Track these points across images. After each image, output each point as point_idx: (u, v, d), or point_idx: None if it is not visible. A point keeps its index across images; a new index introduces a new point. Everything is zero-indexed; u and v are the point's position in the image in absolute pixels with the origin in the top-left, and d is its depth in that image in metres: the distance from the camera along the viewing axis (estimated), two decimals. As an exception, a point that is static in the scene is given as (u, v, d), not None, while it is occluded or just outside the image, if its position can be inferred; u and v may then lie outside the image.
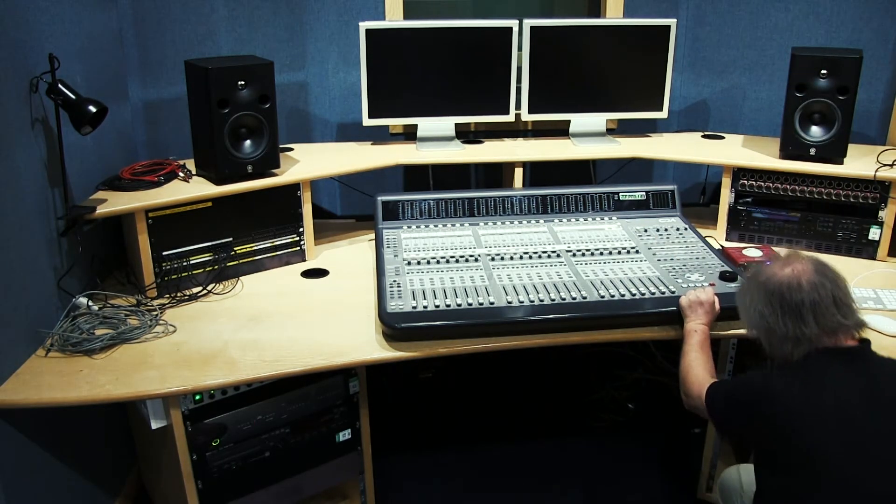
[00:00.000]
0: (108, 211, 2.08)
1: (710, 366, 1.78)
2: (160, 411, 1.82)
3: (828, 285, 1.48)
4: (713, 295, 1.91)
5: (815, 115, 2.47)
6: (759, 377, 1.54)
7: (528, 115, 2.80)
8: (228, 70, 2.20)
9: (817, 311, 1.47)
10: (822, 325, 1.47)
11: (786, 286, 1.50)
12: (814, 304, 1.47)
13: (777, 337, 1.51)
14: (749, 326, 1.60)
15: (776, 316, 1.50)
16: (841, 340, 1.49)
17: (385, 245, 2.32)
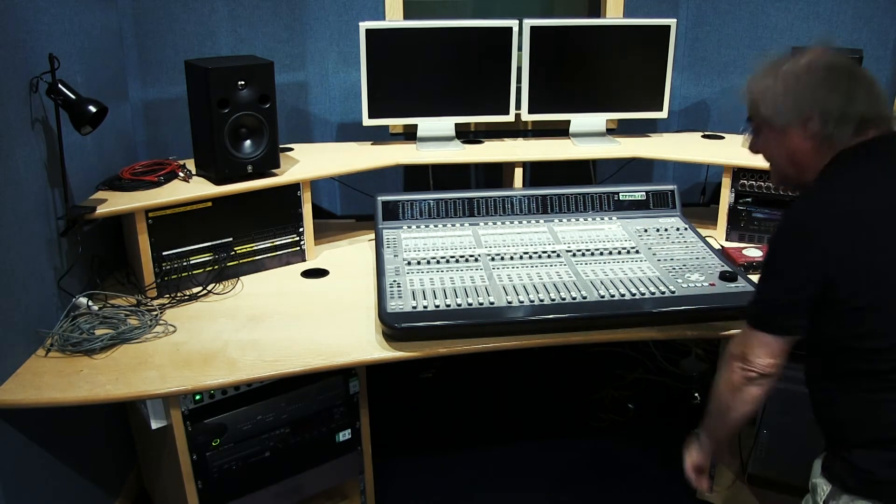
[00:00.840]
0: (108, 211, 2.08)
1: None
2: (160, 411, 1.82)
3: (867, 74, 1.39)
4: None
5: (815, 115, 2.47)
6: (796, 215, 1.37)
7: (528, 115, 2.80)
8: (228, 70, 2.20)
9: (871, 90, 1.37)
10: (870, 106, 1.36)
11: (838, 61, 1.39)
12: (869, 83, 1.37)
13: (830, 117, 1.36)
14: (777, 114, 1.42)
15: (827, 90, 1.36)
16: (870, 133, 1.38)
17: (385, 245, 2.32)
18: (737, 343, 1.45)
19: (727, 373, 1.45)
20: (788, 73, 1.40)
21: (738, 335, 1.46)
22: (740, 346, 1.43)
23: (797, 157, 1.44)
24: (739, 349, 1.43)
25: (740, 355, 1.42)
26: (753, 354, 1.41)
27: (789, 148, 1.44)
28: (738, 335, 1.46)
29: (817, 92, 1.37)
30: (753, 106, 1.46)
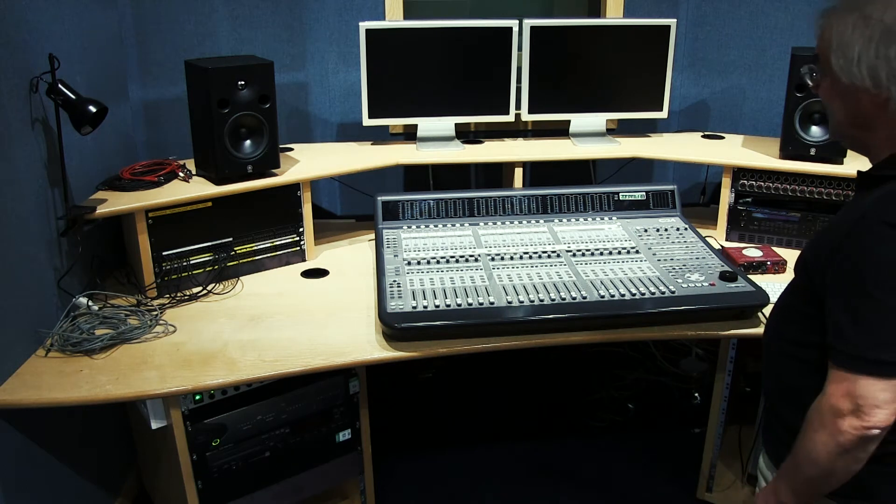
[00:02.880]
0: (108, 211, 2.08)
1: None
2: (160, 411, 1.82)
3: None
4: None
5: (815, 115, 2.47)
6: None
7: (528, 115, 2.80)
8: (228, 70, 2.20)
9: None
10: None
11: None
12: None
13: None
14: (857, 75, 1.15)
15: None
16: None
17: (385, 245, 2.32)
18: (841, 396, 1.13)
19: (828, 436, 1.15)
20: (875, 25, 1.12)
21: (834, 385, 1.15)
22: (846, 399, 1.12)
23: (863, 121, 1.21)
24: (847, 404, 1.12)
25: (850, 412, 1.12)
26: (871, 407, 1.11)
27: (855, 109, 1.20)
28: (834, 385, 1.15)
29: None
30: (822, 47, 1.21)
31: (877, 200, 1.14)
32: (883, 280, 1.10)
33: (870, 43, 1.12)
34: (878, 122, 1.18)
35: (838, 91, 1.20)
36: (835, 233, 1.19)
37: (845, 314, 1.14)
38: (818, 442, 1.17)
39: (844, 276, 1.14)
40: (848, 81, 1.17)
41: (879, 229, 1.11)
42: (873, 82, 1.14)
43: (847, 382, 1.13)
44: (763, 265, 2.33)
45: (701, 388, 2.89)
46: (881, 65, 1.12)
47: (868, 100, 1.16)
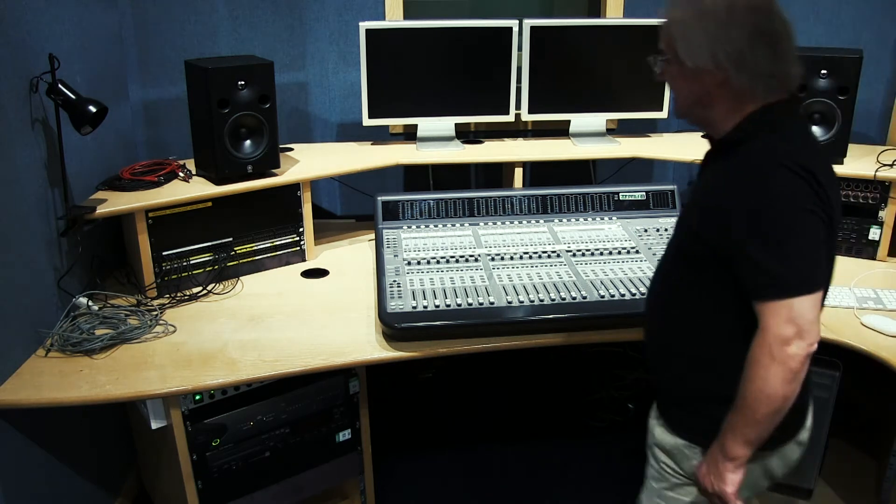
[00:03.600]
0: (108, 211, 2.08)
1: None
2: (160, 411, 1.82)
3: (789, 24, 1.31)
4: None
5: (815, 115, 2.47)
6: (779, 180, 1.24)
7: (528, 115, 2.80)
8: (228, 70, 2.20)
9: (791, 48, 1.30)
10: (791, 63, 1.31)
11: (763, 5, 1.29)
12: (788, 37, 1.31)
13: (748, 70, 1.28)
14: (700, 57, 1.31)
15: (752, 42, 1.27)
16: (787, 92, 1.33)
17: (385, 245, 2.32)
18: (784, 323, 1.23)
19: (780, 366, 1.23)
20: (709, 15, 1.28)
21: (772, 317, 1.24)
22: (788, 325, 1.22)
23: (707, 99, 1.36)
24: (790, 329, 1.22)
25: (795, 335, 1.22)
26: (809, 323, 1.23)
27: (700, 89, 1.35)
28: (772, 317, 1.24)
29: (741, 43, 1.27)
30: (668, 37, 1.37)
31: (758, 153, 1.28)
32: (790, 214, 1.24)
33: (708, 30, 1.28)
34: (718, 98, 1.34)
35: (685, 75, 1.35)
36: (723, 196, 1.30)
37: (765, 253, 1.24)
38: (771, 376, 1.24)
39: (755, 226, 1.25)
40: (693, 65, 1.32)
41: (774, 172, 1.25)
42: (715, 64, 1.29)
43: (785, 309, 1.23)
44: (763, 265, 2.33)
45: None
46: (720, 48, 1.27)
47: (710, 79, 1.31)
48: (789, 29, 1.31)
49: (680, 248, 1.45)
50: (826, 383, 2.13)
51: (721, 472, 1.35)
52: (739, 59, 1.27)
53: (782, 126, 1.32)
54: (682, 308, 1.44)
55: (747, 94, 1.31)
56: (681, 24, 1.33)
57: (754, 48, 1.27)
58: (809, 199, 1.25)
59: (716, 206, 1.32)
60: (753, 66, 1.28)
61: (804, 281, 1.24)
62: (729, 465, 1.34)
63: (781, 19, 1.30)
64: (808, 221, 1.25)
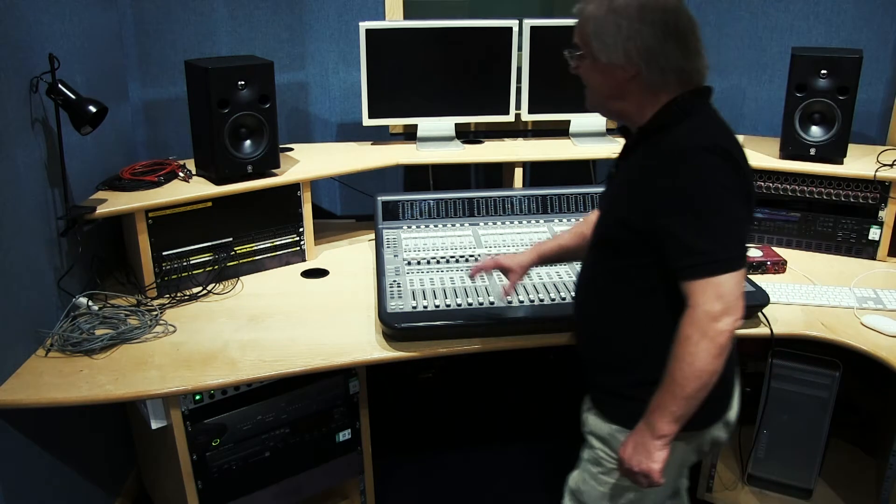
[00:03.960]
0: (108, 211, 2.08)
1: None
2: (160, 411, 1.82)
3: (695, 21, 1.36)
4: None
5: (815, 115, 2.47)
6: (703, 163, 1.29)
7: (528, 115, 2.80)
8: (228, 70, 2.20)
9: (698, 43, 1.35)
10: (699, 57, 1.36)
11: (671, 4, 1.33)
12: (695, 33, 1.35)
13: (659, 66, 1.33)
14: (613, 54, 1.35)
15: (662, 39, 1.31)
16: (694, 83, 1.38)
17: (385, 245, 2.32)
18: (712, 299, 1.27)
19: (709, 342, 1.27)
20: (622, 13, 1.33)
21: (701, 295, 1.28)
22: (717, 301, 1.27)
23: (619, 93, 1.40)
24: (719, 305, 1.27)
25: (723, 311, 1.27)
26: (736, 299, 1.29)
27: (612, 83, 1.39)
28: (701, 295, 1.28)
29: (651, 40, 1.32)
30: (582, 33, 1.40)
31: (679, 138, 1.33)
32: (714, 193, 1.29)
33: (620, 28, 1.32)
34: (631, 92, 1.38)
35: (598, 69, 1.39)
36: (648, 181, 1.34)
37: (692, 233, 1.29)
38: (701, 352, 1.28)
39: (681, 205, 1.29)
40: (606, 61, 1.36)
41: (697, 155, 1.29)
42: (626, 60, 1.34)
43: (712, 287, 1.27)
44: (763, 265, 2.33)
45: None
46: (631, 45, 1.32)
47: (622, 74, 1.36)
48: (696, 26, 1.36)
49: (605, 238, 1.48)
50: (826, 383, 2.13)
51: (650, 450, 1.36)
52: (650, 55, 1.32)
53: (698, 112, 1.37)
54: (610, 296, 1.48)
55: (659, 87, 1.36)
56: (594, 20, 1.36)
57: (664, 45, 1.32)
58: (731, 180, 1.30)
59: (642, 191, 1.35)
60: (664, 62, 1.33)
61: (730, 259, 1.29)
62: (657, 443, 1.36)
63: (688, 17, 1.35)
64: (731, 201, 1.30)
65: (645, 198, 1.34)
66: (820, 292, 2.17)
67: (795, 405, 2.17)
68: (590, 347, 1.59)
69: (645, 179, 1.36)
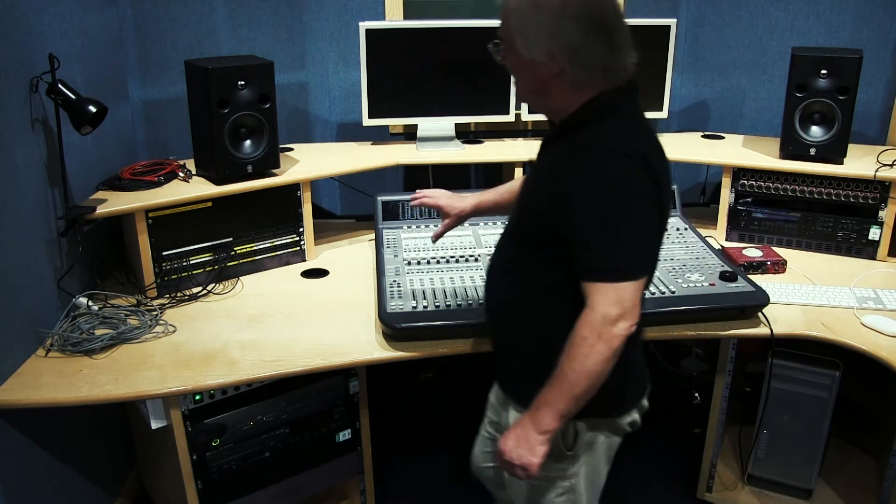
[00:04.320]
0: (108, 211, 2.08)
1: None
2: (160, 411, 1.82)
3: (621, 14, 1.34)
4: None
5: (815, 115, 2.47)
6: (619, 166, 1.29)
7: (528, 115, 2.80)
8: (228, 70, 2.20)
9: (625, 39, 1.33)
10: (626, 53, 1.34)
11: (596, 1, 1.31)
12: (621, 28, 1.32)
13: (582, 64, 1.31)
14: (536, 50, 1.33)
15: (585, 37, 1.29)
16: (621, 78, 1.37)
17: (385, 245, 2.32)
18: (611, 304, 1.29)
19: (604, 344, 1.29)
20: (544, 9, 1.30)
21: (600, 297, 1.30)
22: (615, 306, 1.29)
23: (543, 88, 1.39)
24: (616, 310, 1.29)
25: (619, 316, 1.29)
26: (633, 306, 1.31)
27: (536, 78, 1.38)
28: (600, 297, 1.30)
29: (574, 37, 1.29)
30: (506, 29, 1.38)
31: (597, 140, 1.32)
32: (627, 200, 1.30)
33: (542, 24, 1.30)
34: (554, 88, 1.37)
35: (522, 65, 1.37)
36: (564, 180, 1.34)
37: (600, 236, 1.30)
38: (595, 354, 1.30)
39: (593, 208, 1.30)
40: (529, 57, 1.34)
41: (612, 159, 1.30)
42: (549, 57, 1.32)
43: (613, 291, 1.29)
44: (763, 265, 2.33)
45: (701, 388, 2.89)
46: (553, 42, 1.30)
47: (545, 71, 1.34)
48: (622, 20, 1.33)
49: (519, 229, 1.49)
50: (826, 383, 2.13)
51: (532, 444, 1.38)
52: (573, 52, 1.30)
53: (620, 112, 1.36)
54: (522, 286, 1.48)
55: (583, 84, 1.35)
56: (517, 15, 1.34)
57: (588, 42, 1.30)
58: (645, 188, 1.31)
59: (557, 188, 1.36)
60: (587, 60, 1.31)
61: (632, 268, 1.31)
62: (541, 438, 1.37)
63: (615, 10, 1.32)
64: (643, 209, 1.31)
65: (560, 197, 1.34)
66: (820, 292, 2.17)
67: (795, 405, 2.17)
68: (504, 341, 1.60)
69: (562, 175, 1.36)
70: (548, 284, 1.44)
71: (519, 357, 1.55)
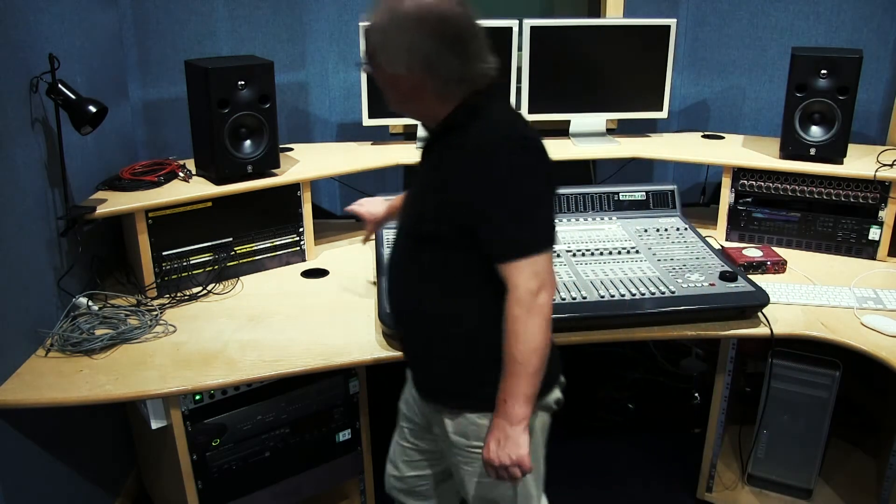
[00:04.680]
0: (108, 211, 2.08)
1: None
2: (160, 411, 1.82)
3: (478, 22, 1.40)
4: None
5: (815, 115, 2.47)
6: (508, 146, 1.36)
7: (528, 115, 2.79)
8: (228, 70, 2.20)
9: (480, 47, 1.40)
10: (482, 60, 1.41)
11: (451, 12, 1.36)
12: (476, 38, 1.39)
13: (440, 76, 1.38)
14: (396, 65, 1.38)
15: (441, 51, 1.36)
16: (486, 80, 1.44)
17: (385, 245, 2.32)
18: (529, 278, 1.35)
19: (537, 317, 1.36)
20: (402, 25, 1.36)
21: (519, 275, 1.36)
22: (533, 279, 1.35)
23: (409, 98, 1.44)
24: (535, 282, 1.36)
25: (540, 286, 1.36)
26: (549, 275, 1.38)
27: (401, 90, 1.43)
28: (519, 275, 1.36)
29: (430, 51, 1.35)
30: (370, 47, 1.43)
31: (484, 131, 1.39)
32: (524, 182, 1.37)
33: (401, 40, 1.36)
34: (420, 98, 1.43)
35: (387, 79, 1.43)
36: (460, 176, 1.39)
37: (507, 221, 1.37)
38: (532, 329, 1.36)
39: (495, 197, 1.36)
40: (391, 71, 1.40)
41: (503, 146, 1.36)
42: (409, 71, 1.38)
43: (529, 266, 1.36)
44: (763, 265, 2.33)
45: (701, 388, 2.89)
46: (412, 57, 1.37)
47: (407, 83, 1.40)
48: (476, 29, 1.40)
49: (422, 231, 1.50)
50: (826, 383, 2.13)
51: (514, 437, 1.40)
52: (429, 65, 1.37)
53: (492, 108, 1.43)
54: (437, 291, 1.49)
55: (445, 92, 1.41)
56: (378, 34, 1.40)
57: (442, 55, 1.36)
58: (537, 168, 1.39)
59: (455, 186, 1.40)
60: (444, 72, 1.38)
61: (541, 240, 1.38)
62: (518, 429, 1.40)
63: (468, 23, 1.38)
64: (539, 187, 1.39)
65: (459, 192, 1.39)
66: (820, 292, 2.17)
67: (795, 405, 2.17)
68: (424, 342, 1.57)
69: (457, 176, 1.40)
70: (460, 281, 1.47)
71: (445, 361, 1.52)
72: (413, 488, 1.82)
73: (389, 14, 1.37)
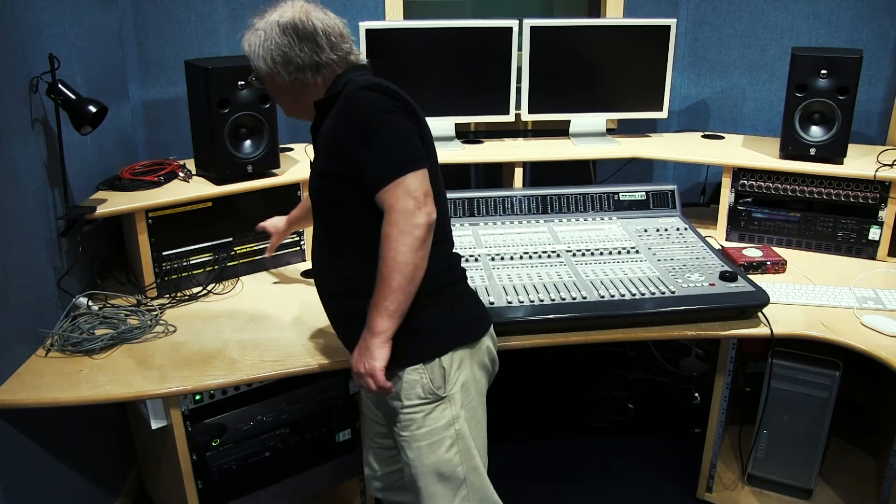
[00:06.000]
0: (108, 211, 2.08)
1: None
2: (160, 411, 1.82)
3: (333, 19, 1.62)
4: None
5: (815, 115, 2.47)
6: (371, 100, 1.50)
7: (528, 115, 2.80)
8: (228, 70, 2.20)
9: (330, 38, 1.59)
10: (336, 51, 1.59)
11: (298, 20, 1.58)
12: (325, 32, 1.58)
13: (295, 66, 1.58)
14: (263, 64, 1.60)
15: (293, 46, 1.57)
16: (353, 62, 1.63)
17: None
18: (402, 197, 1.42)
19: (407, 236, 1.41)
20: (264, 33, 1.59)
21: (392, 197, 1.42)
22: (406, 198, 1.41)
23: (290, 95, 1.64)
24: (410, 201, 1.41)
25: (416, 206, 1.41)
26: (424, 195, 1.44)
27: (282, 91, 1.64)
28: (392, 197, 1.42)
29: (286, 52, 1.57)
30: (254, 60, 1.62)
31: (347, 90, 1.52)
32: (378, 116, 1.47)
33: (264, 46, 1.58)
34: (295, 92, 1.62)
35: (268, 83, 1.64)
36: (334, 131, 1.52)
37: (371, 152, 1.46)
38: (401, 246, 1.41)
39: (358, 136, 1.47)
40: (266, 75, 1.62)
41: (358, 94, 1.49)
42: (273, 69, 1.59)
43: (400, 188, 1.42)
44: (763, 265, 2.33)
45: (701, 388, 2.89)
46: (274, 57, 1.58)
47: (279, 79, 1.61)
48: (330, 23, 1.60)
49: (322, 205, 1.62)
50: (826, 383, 2.13)
51: (371, 348, 1.47)
52: (288, 60, 1.57)
53: (359, 77, 1.58)
54: (346, 256, 1.59)
55: (311, 80, 1.60)
56: (249, 45, 1.62)
57: (295, 49, 1.57)
58: (391, 103, 1.48)
59: (333, 142, 1.53)
60: (300, 62, 1.57)
61: (406, 161, 1.44)
62: (376, 341, 1.46)
63: (319, 19, 1.59)
64: (395, 118, 1.48)
65: (336, 146, 1.51)
66: (820, 292, 2.17)
67: (795, 405, 2.17)
68: (351, 313, 1.59)
69: (333, 133, 1.53)
70: (367, 240, 1.50)
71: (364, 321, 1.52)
72: (394, 484, 1.85)
73: (253, 28, 1.61)
